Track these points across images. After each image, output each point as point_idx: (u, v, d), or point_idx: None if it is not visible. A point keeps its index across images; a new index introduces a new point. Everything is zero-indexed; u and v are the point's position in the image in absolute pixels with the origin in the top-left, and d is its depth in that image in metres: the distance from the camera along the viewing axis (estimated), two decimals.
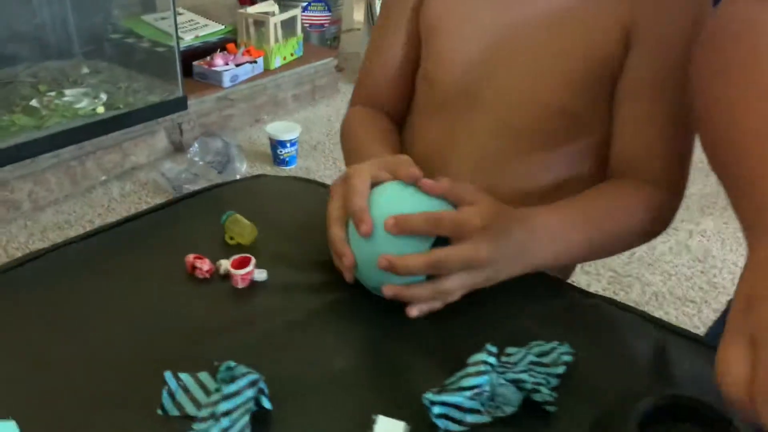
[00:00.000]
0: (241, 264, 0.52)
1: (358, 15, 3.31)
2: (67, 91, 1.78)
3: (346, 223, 0.51)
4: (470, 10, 0.62)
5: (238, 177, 1.86)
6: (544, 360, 0.44)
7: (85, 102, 1.72)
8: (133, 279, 0.53)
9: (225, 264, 0.53)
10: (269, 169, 1.97)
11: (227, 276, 0.52)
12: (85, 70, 1.96)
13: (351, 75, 2.76)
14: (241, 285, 0.52)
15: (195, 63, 2.08)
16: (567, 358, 0.45)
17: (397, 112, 0.72)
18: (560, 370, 0.43)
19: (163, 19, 2.09)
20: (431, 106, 0.67)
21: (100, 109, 1.71)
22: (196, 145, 1.88)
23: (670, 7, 0.56)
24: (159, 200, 1.75)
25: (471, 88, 0.63)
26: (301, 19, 2.43)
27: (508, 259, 0.50)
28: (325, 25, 2.71)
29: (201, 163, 1.86)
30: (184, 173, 1.81)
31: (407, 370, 0.44)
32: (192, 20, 2.25)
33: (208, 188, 0.69)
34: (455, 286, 0.48)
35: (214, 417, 0.37)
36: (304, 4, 2.59)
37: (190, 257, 0.53)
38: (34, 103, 1.69)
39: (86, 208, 1.69)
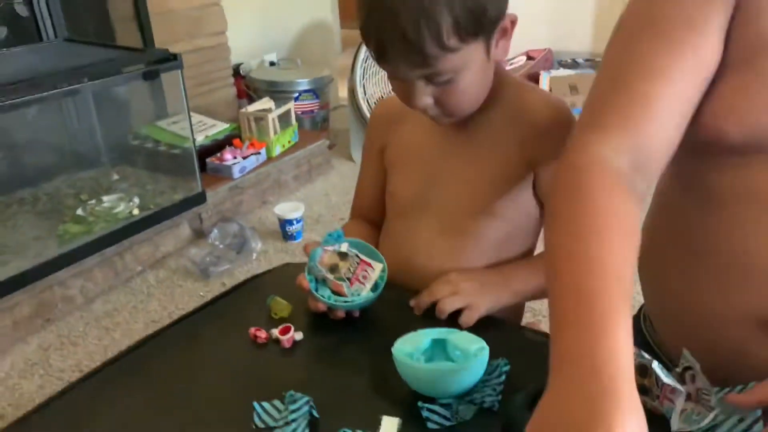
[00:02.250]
0: (285, 331, 0.81)
1: (343, 92, 3.67)
2: (105, 198, 2.10)
3: None
4: (417, 149, 0.92)
5: (254, 255, 2.16)
6: (491, 376, 0.72)
7: (122, 206, 2.04)
8: (218, 350, 0.82)
9: (275, 332, 0.82)
10: (279, 245, 2.27)
11: (277, 340, 0.81)
12: (115, 176, 2.29)
13: (342, 150, 3.10)
14: (287, 345, 0.80)
15: (208, 159, 2.41)
16: (505, 368, 0.73)
17: (379, 220, 1.01)
18: (502, 379, 0.71)
19: (175, 123, 2.42)
20: (394, 214, 0.96)
21: (136, 211, 2.03)
22: (216, 231, 2.19)
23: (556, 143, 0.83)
24: (190, 283, 2.04)
25: (421, 201, 0.91)
26: (294, 109, 2.78)
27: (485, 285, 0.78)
28: (315, 110, 3.07)
29: (221, 246, 2.16)
30: (208, 257, 2.11)
31: (402, 387, 0.73)
32: (200, 121, 2.59)
33: (251, 278, 0.99)
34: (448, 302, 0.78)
35: (287, 424, 0.66)
36: (295, 95, 2.95)
37: (252, 330, 0.82)
38: (80, 212, 2.01)
39: (129, 296, 1.98)
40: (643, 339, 0.84)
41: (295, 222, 2.25)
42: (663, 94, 0.61)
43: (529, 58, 4.18)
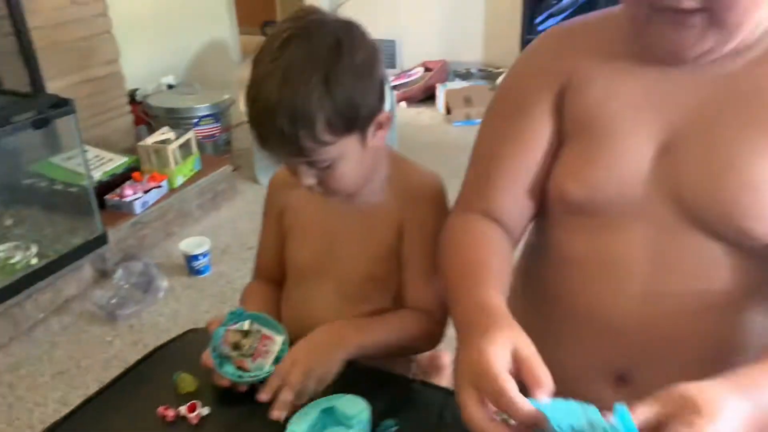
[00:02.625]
0: (192, 408, 0.88)
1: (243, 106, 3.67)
2: (0, 247, 2.04)
3: None
4: (313, 216, 0.99)
5: (161, 294, 2.17)
6: None
7: (18, 256, 1.99)
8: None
9: (182, 410, 0.88)
10: (186, 281, 2.29)
11: (185, 417, 0.88)
12: (9, 221, 2.21)
13: (246, 171, 3.12)
14: (194, 422, 0.87)
15: (107, 196, 2.37)
16: (393, 429, 0.82)
17: (282, 278, 1.06)
18: None
19: (69, 159, 2.36)
20: (293, 279, 1.04)
21: (34, 260, 1.99)
22: (120, 270, 2.18)
23: (424, 212, 0.93)
24: (96, 328, 2.03)
25: (318, 267, 0.99)
26: (195, 135, 2.78)
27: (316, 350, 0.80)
28: (217, 134, 3.07)
29: (126, 286, 2.16)
30: (114, 298, 2.10)
31: None
32: (97, 156, 2.54)
33: (157, 349, 1.04)
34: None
35: None
36: (195, 121, 2.95)
37: (160, 409, 0.88)
38: None
39: (32, 347, 1.94)
40: None
41: (201, 257, 2.27)
42: (501, 173, 0.81)
43: (427, 69, 4.36)
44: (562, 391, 0.82)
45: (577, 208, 0.76)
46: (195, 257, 2.26)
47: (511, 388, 0.55)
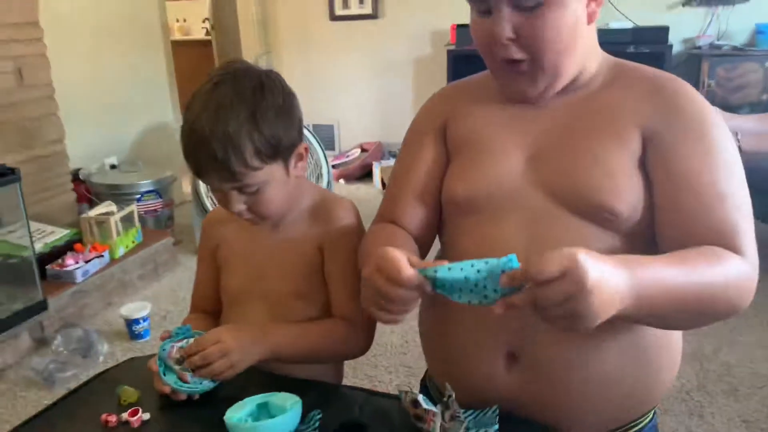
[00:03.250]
0: (133, 413, 0.96)
1: (187, 188, 3.79)
2: None
3: None
4: (243, 247, 1.11)
5: (101, 358, 2.19)
6: (307, 426, 0.91)
7: None
8: None
9: (124, 416, 0.96)
10: (127, 345, 2.31)
11: (127, 422, 0.95)
12: None
13: (188, 245, 3.20)
14: (136, 425, 0.95)
15: (48, 266, 2.41)
16: (318, 416, 0.92)
17: (217, 311, 1.16)
18: (316, 425, 0.90)
19: (11, 232, 2.41)
20: (228, 304, 1.14)
21: None
22: (59, 337, 2.19)
23: (342, 232, 1.07)
24: (33, 393, 2.02)
25: (249, 291, 1.09)
26: (137, 210, 2.87)
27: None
28: (159, 209, 3.17)
29: (65, 352, 2.17)
30: (52, 363, 2.10)
31: None
32: (39, 229, 2.59)
33: (99, 374, 1.11)
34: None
35: None
36: (138, 196, 3.05)
37: (103, 416, 0.96)
38: None
39: None
40: (425, 383, 1.09)
41: (141, 321, 2.32)
42: (401, 188, 1.01)
43: (363, 150, 4.63)
44: (462, 369, 0.95)
45: (465, 207, 0.92)
46: (135, 321, 2.30)
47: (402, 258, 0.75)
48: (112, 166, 3.40)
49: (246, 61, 1.03)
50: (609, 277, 0.68)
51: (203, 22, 6.49)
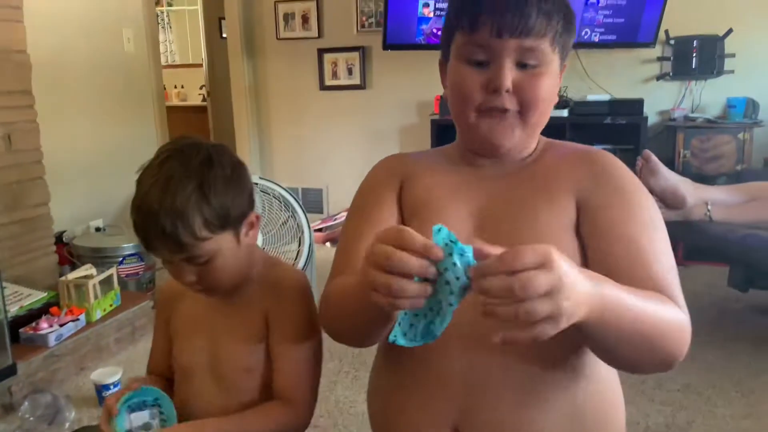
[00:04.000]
0: None
1: None
2: None
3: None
4: (194, 321, 1.12)
5: (67, 425, 2.16)
6: None
7: None
8: None
9: None
10: (95, 412, 2.28)
11: None
12: None
13: None
14: None
15: (21, 330, 2.41)
16: None
17: (171, 377, 1.18)
18: None
19: None
20: (179, 378, 1.14)
21: None
22: (26, 403, 2.17)
23: (289, 304, 1.08)
24: None
25: (199, 364, 1.10)
26: (119, 273, 2.88)
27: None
28: (140, 272, 3.19)
29: (31, 419, 2.14)
30: (17, 430, 2.07)
31: None
32: (16, 292, 2.60)
33: None
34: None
35: None
36: (120, 259, 3.08)
37: None
38: None
39: None
40: None
41: (112, 386, 2.29)
42: (361, 245, 0.95)
43: None
44: None
45: None
46: (106, 387, 2.28)
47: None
48: (98, 229, 3.44)
49: (193, 136, 1.06)
50: (580, 279, 0.65)
51: (200, 88, 6.70)
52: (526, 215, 0.92)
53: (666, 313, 0.79)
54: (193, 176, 0.96)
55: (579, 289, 0.65)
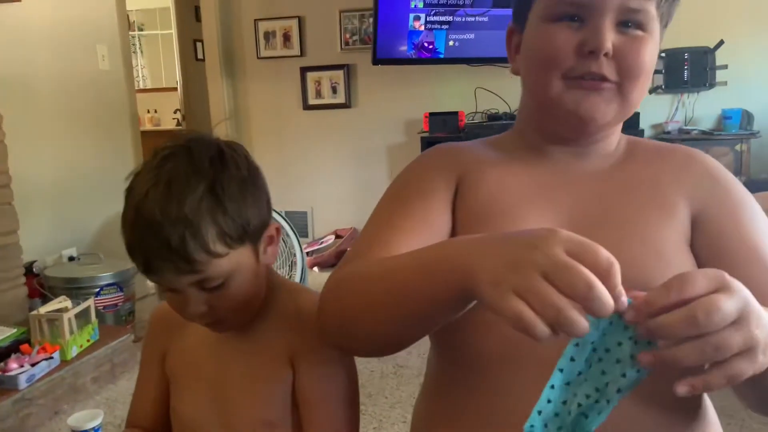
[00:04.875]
0: None
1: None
2: None
3: None
4: (199, 360, 0.89)
5: None
6: None
7: None
8: None
9: None
10: None
11: None
12: None
13: None
14: None
15: None
16: None
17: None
18: None
19: None
20: None
21: None
22: None
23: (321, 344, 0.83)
24: None
25: (207, 419, 0.88)
26: (96, 305, 2.65)
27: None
28: (119, 304, 2.96)
29: None
30: None
31: None
32: None
33: None
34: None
35: None
36: (97, 290, 2.84)
37: None
38: None
39: None
40: None
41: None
42: (398, 240, 0.76)
43: (338, 236, 4.51)
44: None
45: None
46: None
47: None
48: (71, 258, 3.20)
49: (201, 131, 0.86)
50: (761, 307, 0.52)
51: (174, 113, 6.50)
52: (635, 226, 0.76)
53: None
54: (202, 176, 0.76)
55: (766, 319, 0.51)
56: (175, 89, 6.20)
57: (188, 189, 0.75)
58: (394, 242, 0.75)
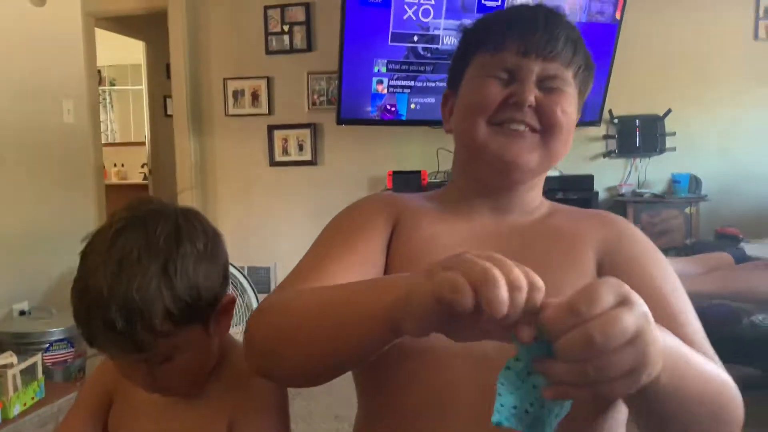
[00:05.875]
0: None
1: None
2: None
3: None
4: (145, 418, 0.89)
5: None
6: None
7: None
8: None
9: None
10: None
11: None
12: None
13: None
14: None
15: None
16: None
17: None
18: None
19: None
20: None
21: None
22: None
23: (257, 409, 0.85)
24: None
25: None
26: (45, 361, 2.57)
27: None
28: (69, 360, 2.87)
29: None
30: None
31: None
32: None
33: None
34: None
35: None
36: (46, 346, 2.76)
37: None
38: None
39: None
40: None
41: None
42: (332, 272, 0.79)
43: None
44: None
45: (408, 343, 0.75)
46: None
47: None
48: (22, 312, 3.11)
49: (159, 199, 0.86)
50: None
51: (142, 167, 6.50)
52: (551, 276, 0.79)
53: (722, 374, 0.69)
54: (155, 255, 0.76)
55: (658, 335, 0.51)
56: (144, 143, 6.24)
57: (139, 269, 0.75)
58: (329, 273, 0.78)
